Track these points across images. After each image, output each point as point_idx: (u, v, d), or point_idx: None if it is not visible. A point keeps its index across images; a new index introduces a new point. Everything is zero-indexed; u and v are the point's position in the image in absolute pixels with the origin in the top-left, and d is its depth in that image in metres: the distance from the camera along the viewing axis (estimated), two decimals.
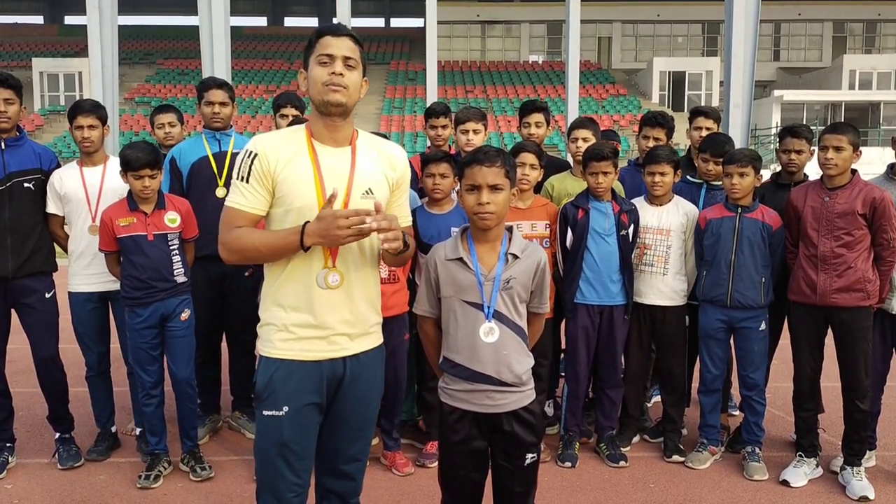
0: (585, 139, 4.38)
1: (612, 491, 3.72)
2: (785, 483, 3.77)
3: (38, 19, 47.78)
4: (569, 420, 4.10)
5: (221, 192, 4.11)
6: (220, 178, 4.17)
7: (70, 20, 46.08)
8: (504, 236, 2.45)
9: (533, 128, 4.58)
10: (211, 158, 4.20)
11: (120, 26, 12.74)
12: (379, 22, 48.07)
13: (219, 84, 4.28)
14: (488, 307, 2.38)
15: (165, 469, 3.81)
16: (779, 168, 4.21)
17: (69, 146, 25.10)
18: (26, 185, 3.81)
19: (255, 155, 2.19)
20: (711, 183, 4.29)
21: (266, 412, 2.23)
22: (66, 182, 3.89)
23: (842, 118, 31.28)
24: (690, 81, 35.83)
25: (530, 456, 2.46)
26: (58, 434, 4.04)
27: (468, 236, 2.46)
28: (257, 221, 2.24)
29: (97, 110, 3.91)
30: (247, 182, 2.19)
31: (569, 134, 4.60)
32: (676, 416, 4.16)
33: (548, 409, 4.49)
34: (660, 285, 4.05)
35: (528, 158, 3.94)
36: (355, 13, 24.36)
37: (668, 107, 32.98)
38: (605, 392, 4.12)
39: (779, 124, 30.96)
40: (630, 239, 3.95)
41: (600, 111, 32.07)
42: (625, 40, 42.08)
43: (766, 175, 4.15)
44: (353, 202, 2.20)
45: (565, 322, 4.14)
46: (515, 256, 2.41)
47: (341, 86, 2.17)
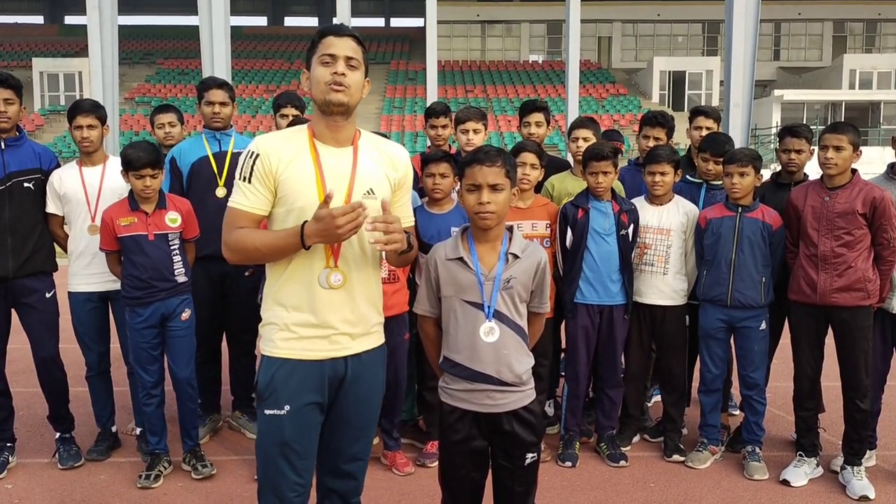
0: (586, 139, 4.39)
1: (613, 490, 3.72)
2: (785, 483, 3.77)
3: (38, 19, 47.78)
4: (569, 420, 4.11)
5: (221, 192, 4.11)
6: (221, 178, 4.18)
7: (70, 20, 46.09)
8: (504, 236, 2.45)
9: (533, 127, 4.58)
10: (211, 158, 4.20)
11: (120, 26, 12.72)
12: (379, 22, 48.08)
13: (219, 84, 4.29)
14: (488, 307, 2.38)
15: (166, 469, 3.81)
16: (779, 168, 4.21)
17: (69, 146, 25.09)
18: (26, 185, 3.81)
19: (258, 155, 2.20)
20: (711, 182, 4.29)
21: (268, 411, 2.24)
22: (66, 182, 3.89)
23: (842, 118, 31.26)
24: (690, 81, 35.84)
25: (530, 455, 2.46)
26: (58, 434, 4.04)
27: (468, 236, 2.46)
28: (260, 221, 2.25)
29: (96, 110, 3.91)
30: (249, 182, 2.20)
31: (569, 133, 4.60)
32: (677, 416, 4.16)
33: (548, 409, 4.49)
34: (660, 285, 4.05)
35: (529, 158, 3.95)
36: (355, 13, 24.39)
37: (669, 106, 32.99)
38: (606, 392, 4.12)
39: (779, 124, 30.96)
40: (630, 239, 3.95)
41: (600, 111, 32.05)
42: (625, 40, 42.08)
43: (766, 175, 4.15)
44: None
45: (565, 322, 4.14)
46: (516, 256, 2.41)
47: (343, 85, 2.18)
